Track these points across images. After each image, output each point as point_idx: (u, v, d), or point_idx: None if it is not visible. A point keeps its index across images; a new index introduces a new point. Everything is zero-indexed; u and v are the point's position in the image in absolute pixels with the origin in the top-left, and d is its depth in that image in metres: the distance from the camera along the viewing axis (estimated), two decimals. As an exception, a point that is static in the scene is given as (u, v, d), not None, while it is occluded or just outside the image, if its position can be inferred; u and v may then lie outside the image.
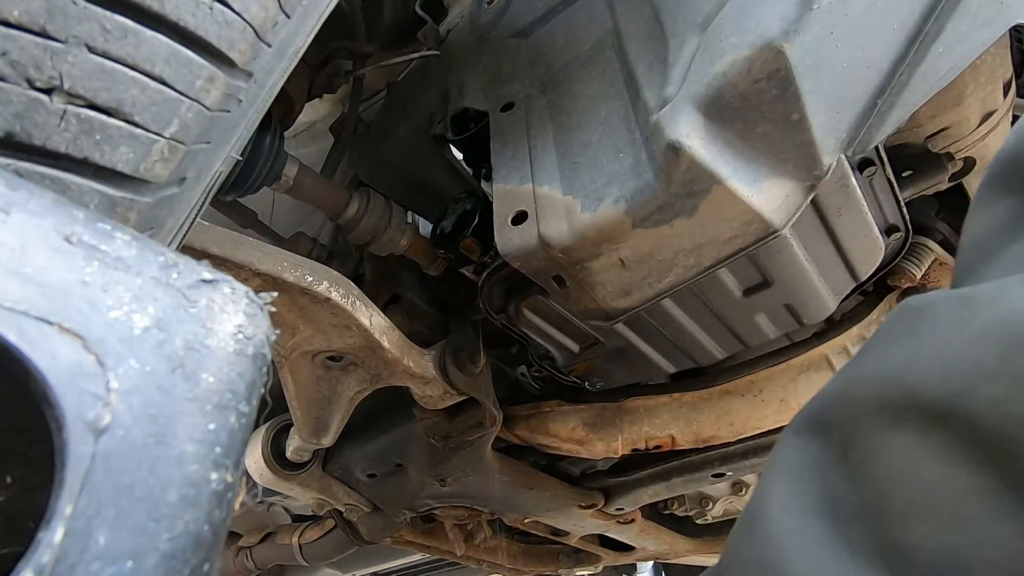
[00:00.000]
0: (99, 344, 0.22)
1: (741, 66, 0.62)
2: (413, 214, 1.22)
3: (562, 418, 1.20)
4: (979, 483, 0.26)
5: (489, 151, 0.91)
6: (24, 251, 0.22)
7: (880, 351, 0.32)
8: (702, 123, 0.65)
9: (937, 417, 0.27)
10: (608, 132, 0.78)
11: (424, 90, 1.18)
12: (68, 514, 0.19)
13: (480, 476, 1.25)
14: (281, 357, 0.97)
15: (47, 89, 0.34)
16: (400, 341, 0.99)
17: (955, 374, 0.27)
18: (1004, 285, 0.29)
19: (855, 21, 0.63)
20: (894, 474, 0.28)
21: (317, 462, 1.31)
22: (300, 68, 0.89)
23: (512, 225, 0.79)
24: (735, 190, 0.66)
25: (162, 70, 0.39)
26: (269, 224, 1.21)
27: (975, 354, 0.27)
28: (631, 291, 0.81)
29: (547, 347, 1.04)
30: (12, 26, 0.32)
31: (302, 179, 0.94)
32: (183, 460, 0.22)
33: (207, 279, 0.26)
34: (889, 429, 0.29)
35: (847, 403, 0.31)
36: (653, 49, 0.77)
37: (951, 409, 0.27)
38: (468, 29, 1.20)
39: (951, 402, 0.27)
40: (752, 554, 0.32)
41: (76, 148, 0.36)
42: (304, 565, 1.64)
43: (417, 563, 2.01)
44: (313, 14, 0.51)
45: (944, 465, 0.27)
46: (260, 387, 0.26)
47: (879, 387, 0.30)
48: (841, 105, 0.65)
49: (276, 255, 0.80)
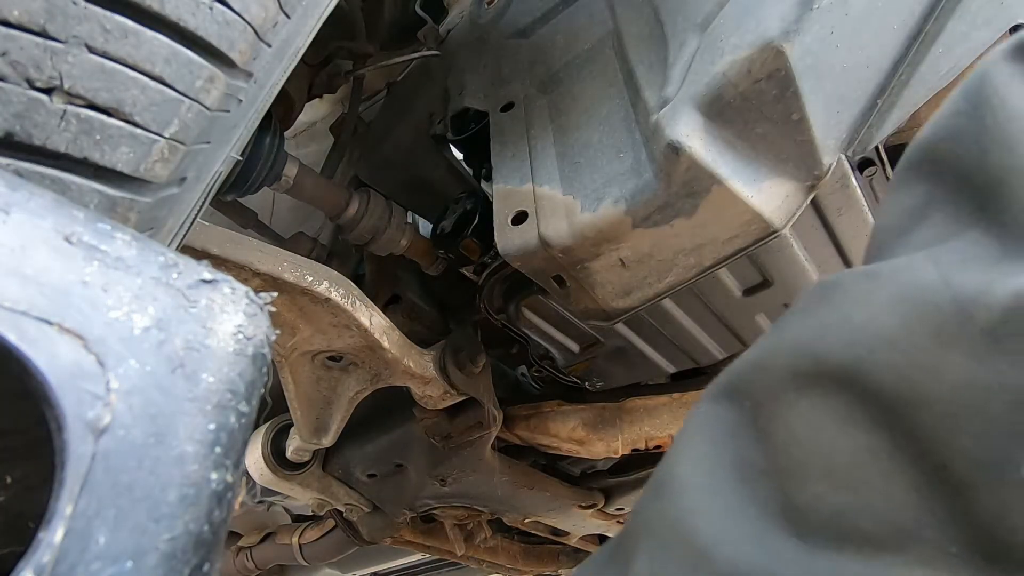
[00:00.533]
0: (99, 344, 0.22)
1: (741, 66, 0.62)
2: (413, 214, 1.22)
3: (562, 418, 1.20)
4: (873, 443, 0.27)
5: (489, 151, 0.91)
6: (24, 251, 0.22)
7: (793, 323, 0.33)
8: (702, 123, 0.65)
9: (840, 381, 0.29)
10: (608, 132, 0.78)
11: (424, 90, 1.18)
12: (68, 514, 0.19)
13: (480, 476, 1.25)
14: (281, 357, 0.97)
15: (47, 89, 0.34)
16: (400, 341, 0.99)
17: (859, 341, 0.28)
18: (909, 260, 0.30)
19: (855, 21, 0.63)
20: (797, 436, 0.29)
21: (317, 462, 1.31)
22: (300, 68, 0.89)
23: (512, 225, 0.79)
24: (735, 190, 0.66)
25: (162, 70, 0.39)
26: (269, 224, 1.21)
27: (879, 323, 0.28)
28: (631, 291, 0.81)
29: (547, 347, 1.04)
30: (12, 26, 0.32)
31: (302, 179, 0.94)
32: (183, 460, 0.22)
33: (207, 279, 0.26)
34: (796, 394, 0.30)
35: (760, 371, 0.33)
36: (653, 49, 0.77)
37: (853, 373, 0.28)
38: (468, 29, 1.20)
39: (854, 367, 0.28)
40: (662, 512, 0.33)
41: (76, 148, 0.36)
42: (304, 565, 1.64)
43: (417, 563, 2.01)
44: (313, 14, 0.51)
45: (843, 426, 0.28)
46: (260, 387, 0.26)
47: (790, 355, 0.31)
48: (841, 105, 0.65)
49: (276, 255, 0.80)
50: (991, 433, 0.24)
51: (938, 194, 0.33)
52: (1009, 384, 0.24)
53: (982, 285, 0.26)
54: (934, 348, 0.26)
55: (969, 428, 0.25)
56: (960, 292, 0.26)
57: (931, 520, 0.25)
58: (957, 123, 0.33)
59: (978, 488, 0.24)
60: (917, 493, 0.25)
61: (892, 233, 0.35)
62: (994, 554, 0.24)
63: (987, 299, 0.26)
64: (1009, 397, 0.24)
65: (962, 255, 0.28)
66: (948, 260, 0.28)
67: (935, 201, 0.33)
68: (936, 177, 0.33)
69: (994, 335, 0.25)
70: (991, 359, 0.25)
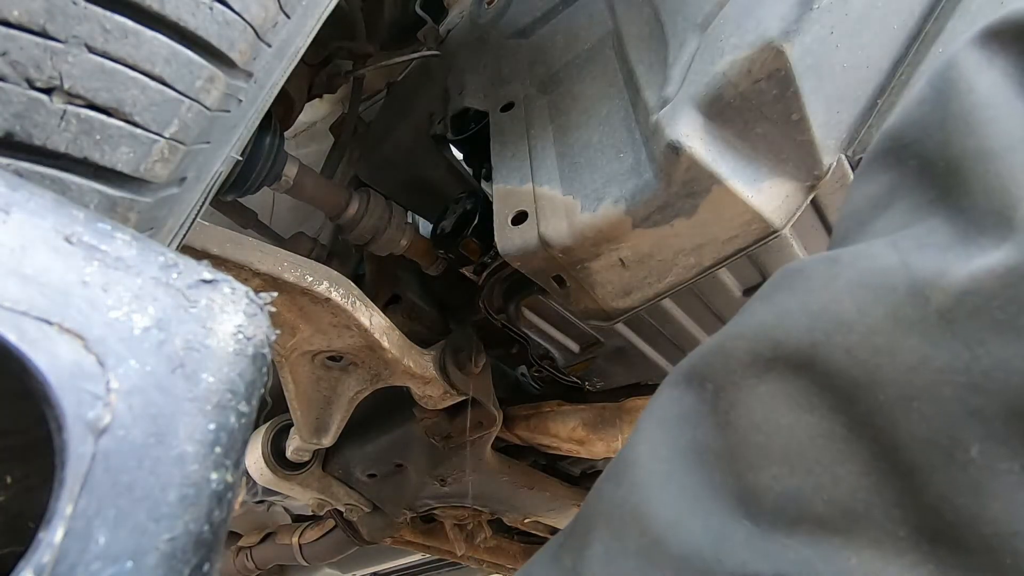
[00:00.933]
0: (99, 344, 0.22)
1: (741, 66, 0.62)
2: (413, 214, 1.22)
3: (562, 418, 1.20)
4: (828, 427, 0.27)
5: (489, 151, 0.91)
6: (24, 251, 0.22)
7: (755, 308, 0.33)
8: (702, 123, 0.65)
9: (798, 366, 0.29)
10: (608, 132, 0.78)
11: (424, 90, 1.18)
12: (68, 514, 0.19)
13: (480, 476, 1.25)
14: (281, 357, 0.97)
15: (47, 89, 0.34)
16: (400, 341, 0.99)
17: (817, 325, 0.28)
18: (869, 246, 0.30)
19: (855, 21, 0.63)
20: (755, 420, 0.30)
21: (317, 462, 1.31)
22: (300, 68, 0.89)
23: (512, 225, 0.79)
24: (735, 190, 0.66)
25: (162, 70, 0.39)
26: (269, 224, 1.21)
27: (837, 307, 0.28)
28: (631, 291, 0.81)
29: (547, 347, 1.04)
30: (12, 26, 0.32)
31: (302, 179, 0.94)
32: (183, 460, 0.22)
33: (207, 279, 0.26)
34: (756, 379, 0.30)
35: (721, 355, 0.33)
36: (653, 49, 0.77)
37: (811, 357, 0.28)
38: (468, 29, 1.20)
39: (811, 351, 0.28)
40: (618, 498, 0.33)
41: (76, 148, 0.36)
42: (304, 565, 1.64)
43: (417, 563, 2.01)
44: (313, 14, 0.51)
45: (799, 411, 0.28)
46: (260, 387, 0.26)
47: (751, 340, 0.31)
48: (841, 105, 0.65)
49: (276, 255, 0.80)
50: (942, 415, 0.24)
51: (903, 182, 0.33)
52: (961, 366, 0.24)
53: (939, 268, 0.26)
54: (890, 331, 0.26)
55: (921, 410, 0.25)
56: (917, 275, 0.27)
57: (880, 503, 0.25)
58: (922, 111, 0.33)
59: (927, 470, 0.24)
60: (868, 477, 0.26)
61: (856, 221, 0.35)
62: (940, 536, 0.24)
63: (943, 281, 0.26)
64: (961, 379, 0.24)
65: (921, 240, 0.28)
66: (907, 245, 0.28)
67: (899, 188, 0.33)
68: (901, 165, 0.33)
69: (948, 317, 0.25)
70: (945, 341, 0.25)
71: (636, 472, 0.33)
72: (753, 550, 0.27)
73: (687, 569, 0.28)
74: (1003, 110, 0.29)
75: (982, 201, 0.27)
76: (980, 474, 0.23)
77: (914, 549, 0.24)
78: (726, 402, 0.31)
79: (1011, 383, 0.23)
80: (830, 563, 0.25)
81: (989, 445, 0.23)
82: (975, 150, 0.29)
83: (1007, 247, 0.25)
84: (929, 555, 0.24)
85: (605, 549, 0.32)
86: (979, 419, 0.24)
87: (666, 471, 0.31)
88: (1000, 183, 0.27)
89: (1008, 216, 0.26)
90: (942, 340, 0.25)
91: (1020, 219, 0.25)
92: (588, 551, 0.33)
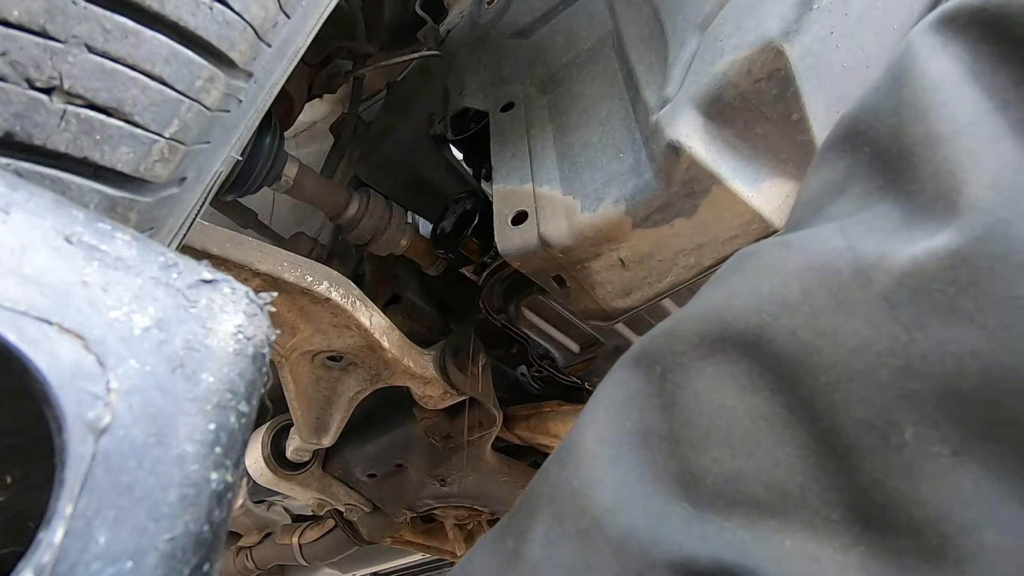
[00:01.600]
0: (99, 344, 0.22)
1: (741, 66, 0.62)
2: (413, 214, 1.22)
3: (562, 418, 1.20)
4: (769, 409, 0.27)
5: (489, 151, 0.91)
6: (24, 251, 0.22)
7: (709, 292, 0.33)
8: (702, 123, 0.65)
9: (744, 347, 0.29)
10: (608, 132, 0.78)
11: (424, 90, 1.18)
12: (68, 514, 0.19)
13: (480, 476, 1.25)
14: (281, 357, 0.97)
15: (47, 89, 0.34)
16: (400, 341, 0.99)
17: (764, 307, 0.28)
18: (819, 231, 0.30)
19: (855, 21, 0.63)
20: (700, 402, 0.29)
21: (317, 462, 1.31)
22: (300, 68, 0.89)
23: (512, 225, 0.79)
24: (735, 190, 0.66)
25: (162, 70, 0.39)
26: (269, 224, 1.21)
27: (784, 290, 0.28)
28: (631, 291, 0.81)
29: (547, 347, 1.03)
30: (12, 26, 0.32)
31: (302, 179, 0.94)
32: (183, 460, 0.22)
33: (207, 279, 0.26)
34: (703, 360, 0.30)
35: (670, 337, 0.33)
36: (653, 49, 0.77)
37: (756, 339, 0.28)
38: (468, 29, 1.20)
39: (757, 332, 0.28)
40: (562, 480, 0.33)
41: (76, 148, 0.36)
42: (304, 565, 1.64)
43: (417, 563, 2.01)
44: (313, 14, 0.51)
45: (743, 393, 0.28)
46: (260, 387, 0.26)
47: (700, 322, 0.31)
48: (841, 105, 0.65)
49: (276, 255, 0.80)
50: (879, 398, 0.24)
51: (856, 169, 0.33)
52: (899, 349, 0.24)
53: (883, 251, 0.26)
54: (833, 313, 0.26)
55: (859, 393, 0.25)
56: (861, 258, 0.27)
57: (816, 486, 0.25)
58: (878, 97, 0.33)
59: (863, 453, 0.24)
60: (805, 460, 0.26)
61: (810, 207, 0.35)
62: (872, 519, 0.24)
63: (886, 263, 0.26)
64: (899, 362, 0.24)
65: (870, 225, 0.28)
66: (855, 231, 0.28)
67: (853, 175, 0.33)
68: (856, 152, 0.33)
69: (890, 300, 0.25)
70: (885, 324, 0.25)
71: (581, 455, 0.33)
72: (690, 533, 0.27)
73: (625, 552, 0.28)
74: (952, 94, 0.28)
75: (930, 186, 0.27)
76: (913, 457, 0.23)
77: (846, 532, 0.24)
78: (672, 384, 0.31)
79: (946, 367, 0.23)
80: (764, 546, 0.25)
81: (922, 428, 0.23)
82: (924, 135, 0.29)
83: (950, 231, 0.25)
84: (860, 537, 0.24)
85: (546, 532, 0.32)
86: (914, 402, 0.23)
87: (611, 455, 0.31)
88: (947, 167, 0.27)
89: (953, 200, 0.26)
90: (882, 323, 0.25)
91: (964, 203, 0.25)
92: (530, 534, 0.33)
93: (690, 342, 0.31)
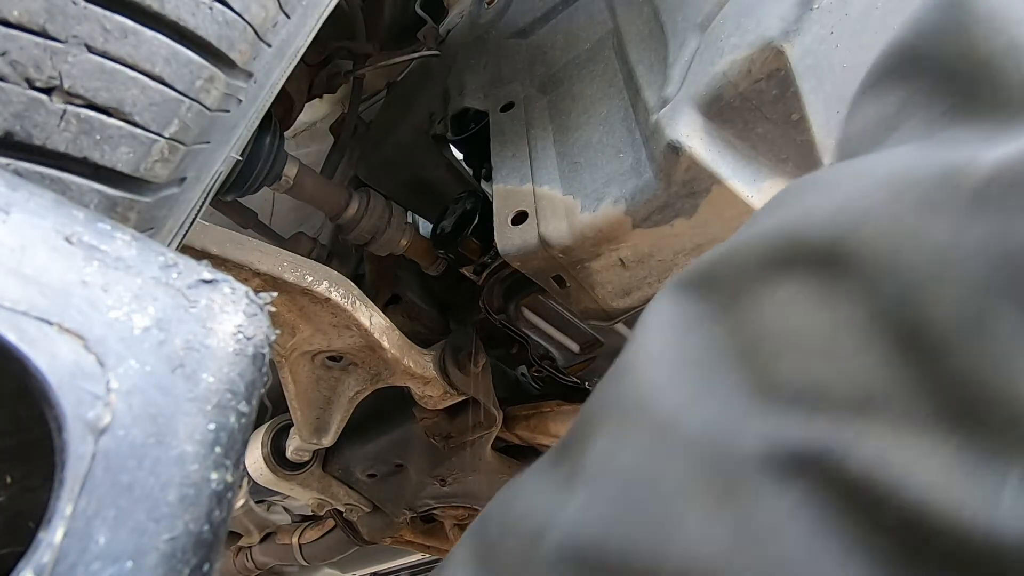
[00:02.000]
0: (99, 344, 0.22)
1: (741, 66, 0.62)
2: (413, 214, 1.22)
3: (562, 418, 1.20)
4: (850, 319, 0.26)
5: (489, 151, 0.91)
6: (24, 251, 0.22)
7: (768, 214, 0.32)
8: (702, 123, 0.65)
9: (820, 261, 0.27)
10: (608, 132, 0.78)
11: (424, 90, 1.18)
12: (68, 514, 0.19)
13: (480, 476, 1.25)
14: (281, 357, 0.97)
15: (47, 89, 0.34)
16: (400, 341, 0.99)
17: (843, 217, 0.27)
18: (892, 150, 0.29)
19: (855, 21, 0.63)
20: (774, 321, 0.28)
21: (317, 462, 1.31)
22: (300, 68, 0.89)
23: (512, 225, 0.79)
24: (735, 190, 0.66)
25: (162, 70, 0.39)
26: (269, 224, 1.21)
27: (866, 200, 0.27)
28: (631, 291, 0.81)
29: (547, 347, 1.03)
30: (12, 26, 0.32)
31: (302, 179, 0.94)
32: (183, 460, 0.22)
33: (207, 279, 0.26)
34: (774, 284, 0.29)
35: (735, 261, 0.31)
36: (653, 49, 0.77)
37: (834, 251, 0.27)
38: (468, 29, 1.20)
39: (835, 244, 0.27)
40: (620, 396, 0.31)
41: (76, 148, 0.36)
42: (304, 565, 1.64)
43: (417, 563, 2.01)
44: (313, 14, 0.51)
45: (820, 306, 0.27)
46: (260, 387, 0.26)
47: (768, 241, 0.30)
48: (841, 105, 0.65)
49: (276, 255, 0.80)
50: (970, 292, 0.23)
51: (914, 98, 0.31)
52: (992, 243, 0.23)
53: (970, 156, 0.25)
54: (918, 216, 0.25)
55: (948, 290, 0.24)
56: (947, 164, 0.26)
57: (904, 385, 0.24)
58: (936, 17, 0.31)
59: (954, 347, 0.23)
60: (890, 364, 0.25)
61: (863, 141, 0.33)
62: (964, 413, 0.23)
63: (973, 166, 0.25)
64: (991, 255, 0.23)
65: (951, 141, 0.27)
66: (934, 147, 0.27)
67: (911, 105, 0.31)
68: (915, 78, 0.31)
69: (978, 197, 0.24)
70: (975, 221, 0.24)
71: (641, 369, 0.30)
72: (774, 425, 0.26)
73: (702, 448, 0.26)
74: None
75: (1017, 93, 0.26)
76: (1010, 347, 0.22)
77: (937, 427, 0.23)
78: (740, 307, 0.29)
79: None
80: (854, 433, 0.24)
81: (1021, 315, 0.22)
82: (1005, 46, 0.27)
83: None
84: (952, 432, 0.23)
85: (607, 445, 0.30)
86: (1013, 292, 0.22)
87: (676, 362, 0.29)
88: None
89: None
90: (972, 220, 0.24)
91: None
92: (585, 456, 0.30)
93: (756, 264, 0.29)
